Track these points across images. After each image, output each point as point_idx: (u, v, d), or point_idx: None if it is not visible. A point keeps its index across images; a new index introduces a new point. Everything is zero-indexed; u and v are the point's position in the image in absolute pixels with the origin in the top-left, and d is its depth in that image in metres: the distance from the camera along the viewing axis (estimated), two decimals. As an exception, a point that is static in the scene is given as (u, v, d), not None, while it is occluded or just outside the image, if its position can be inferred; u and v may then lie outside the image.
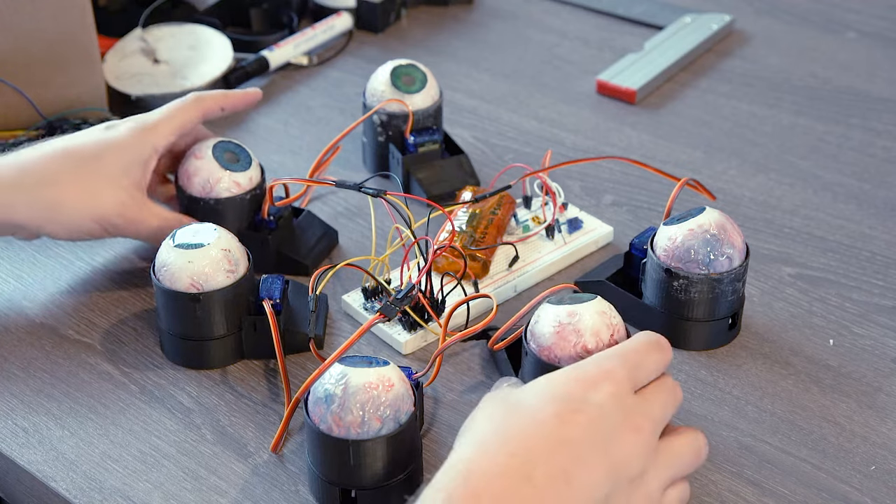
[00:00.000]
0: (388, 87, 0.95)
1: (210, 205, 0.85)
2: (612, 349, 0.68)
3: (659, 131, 1.06)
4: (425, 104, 0.95)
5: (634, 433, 0.64)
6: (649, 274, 0.80)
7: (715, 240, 0.78)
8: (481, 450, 0.62)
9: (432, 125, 0.96)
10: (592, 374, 0.65)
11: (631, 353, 0.67)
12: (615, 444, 0.63)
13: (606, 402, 0.63)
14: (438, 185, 0.94)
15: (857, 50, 1.18)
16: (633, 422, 0.64)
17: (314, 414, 0.68)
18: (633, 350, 0.67)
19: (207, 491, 0.72)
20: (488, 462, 0.61)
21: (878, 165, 1.00)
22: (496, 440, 0.62)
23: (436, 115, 0.96)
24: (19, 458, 0.74)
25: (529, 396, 0.64)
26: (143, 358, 0.81)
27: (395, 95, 0.94)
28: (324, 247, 0.90)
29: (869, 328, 0.83)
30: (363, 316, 0.83)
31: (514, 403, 0.64)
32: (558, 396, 0.64)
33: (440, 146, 0.95)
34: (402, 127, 0.95)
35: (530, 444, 0.62)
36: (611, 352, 0.67)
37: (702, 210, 0.79)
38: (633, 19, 1.23)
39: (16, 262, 0.90)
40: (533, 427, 0.62)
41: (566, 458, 0.61)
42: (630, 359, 0.66)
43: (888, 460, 0.73)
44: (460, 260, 0.82)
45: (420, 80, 0.95)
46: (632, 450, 0.63)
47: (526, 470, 0.60)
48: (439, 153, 0.96)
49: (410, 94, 0.95)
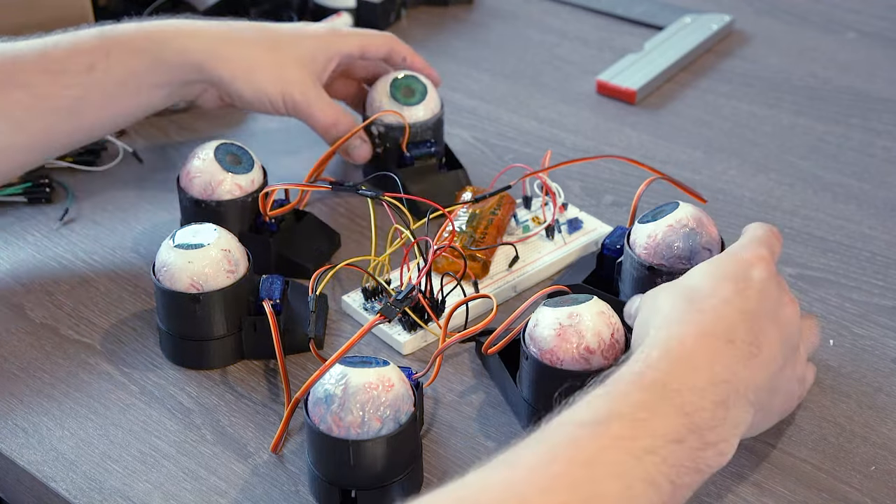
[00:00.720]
0: (387, 99, 0.94)
1: (212, 207, 0.85)
2: (748, 238, 0.73)
3: (659, 131, 1.06)
4: (425, 117, 0.94)
5: (791, 305, 0.70)
6: (628, 273, 0.80)
7: (694, 233, 0.78)
8: (679, 326, 0.66)
9: (431, 138, 0.95)
10: (747, 257, 0.70)
11: (765, 240, 0.73)
12: (781, 315, 0.69)
13: (765, 279, 0.69)
14: (432, 200, 0.93)
15: (857, 50, 1.18)
16: (788, 296, 0.70)
17: (314, 414, 0.68)
18: (766, 237, 0.73)
19: (207, 491, 0.72)
20: (690, 331, 0.65)
21: (878, 165, 1.00)
22: (689, 317, 0.66)
23: (435, 128, 0.95)
24: (19, 458, 0.74)
25: (700, 280, 0.69)
26: (143, 358, 0.81)
27: (394, 107, 0.93)
28: (325, 250, 0.90)
29: (869, 328, 0.83)
30: (363, 316, 0.83)
31: (689, 288, 0.69)
32: (728, 276, 0.69)
33: (438, 160, 0.95)
34: (399, 139, 0.94)
35: (721, 315, 0.66)
36: (749, 239, 0.73)
37: (675, 205, 0.79)
38: (633, 19, 1.23)
39: (16, 262, 0.90)
40: (719, 303, 0.67)
41: (752, 328, 0.66)
42: (767, 244, 0.72)
43: (888, 460, 0.73)
44: (460, 260, 0.82)
45: (420, 93, 0.94)
46: (793, 320, 0.70)
47: (727, 335, 0.66)
48: (437, 167, 0.95)
49: (409, 105, 0.94)
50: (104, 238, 0.92)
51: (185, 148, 1.02)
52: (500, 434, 0.75)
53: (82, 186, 0.97)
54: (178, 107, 1.06)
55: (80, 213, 0.95)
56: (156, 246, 0.80)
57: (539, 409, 0.73)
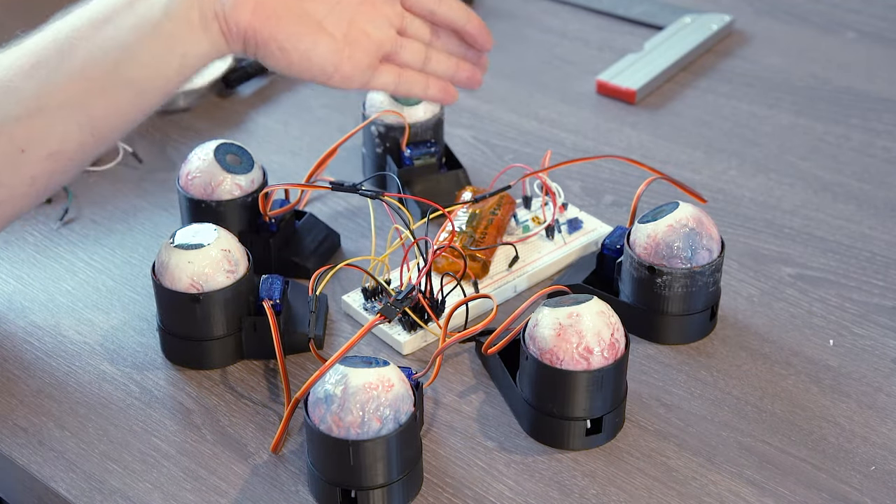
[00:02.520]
0: (387, 98, 0.94)
1: (212, 207, 0.85)
2: None
3: (659, 131, 1.06)
4: (425, 117, 0.94)
5: None
6: (627, 273, 0.81)
7: (694, 233, 0.78)
8: None
9: (431, 138, 0.95)
10: None
11: None
12: None
13: None
14: (432, 200, 0.93)
15: (857, 50, 1.18)
16: None
17: (314, 414, 0.68)
18: None
19: (207, 491, 0.72)
20: None
21: (878, 165, 1.00)
22: None
23: (435, 128, 0.95)
24: (19, 458, 0.74)
25: None
26: (143, 358, 0.81)
27: (394, 107, 0.93)
28: (325, 250, 0.90)
29: (869, 328, 0.83)
30: (363, 316, 0.83)
31: None
32: None
33: (437, 160, 0.95)
34: (399, 139, 0.94)
35: None
36: None
37: (675, 205, 0.80)
38: (633, 19, 1.23)
39: (16, 262, 0.90)
40: None
41: None
42: None
43: (888, 460, 0.73)
44: (460, 260, 0.82)
45: None
46: None
47: None
48: (436, 167, 0.95)
49: (410, 105, 0.94)
50: (104, 238, 0.92)
51: (185, 148, 1.02)
52: (500, 434, 0.75)
53: (82, 186, 0.97)
54: (177, 107, 1.06)
55: (80, 213, 0.95)
56: (156, 246, 0.80)
57: (539, 409, 0.73)
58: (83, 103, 0.75)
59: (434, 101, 0.87)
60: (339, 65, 0.81)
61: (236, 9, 0.77)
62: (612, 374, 0.72)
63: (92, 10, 0.77)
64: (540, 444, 0.74)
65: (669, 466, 0.73)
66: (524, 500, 0.71)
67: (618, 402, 0.74)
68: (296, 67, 0.80)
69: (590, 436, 0.74)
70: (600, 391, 0.72)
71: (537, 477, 0.72)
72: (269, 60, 0.80)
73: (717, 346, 0.82)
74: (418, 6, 0.85)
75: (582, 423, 0.73)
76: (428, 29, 0.86)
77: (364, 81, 0.83)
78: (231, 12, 0.77)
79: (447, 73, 0.87)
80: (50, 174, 0.77)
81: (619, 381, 0.73)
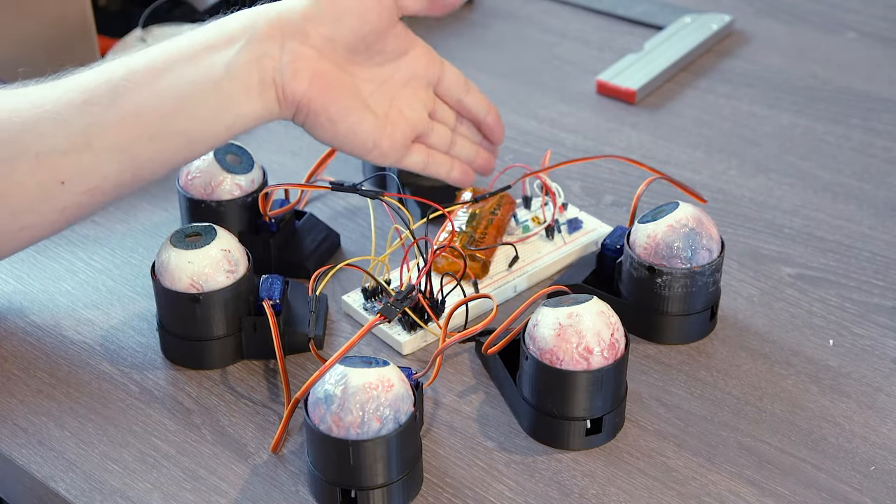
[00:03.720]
0: None
1: (212, 207, 0.85)
2: None
3: (659, 131, 1.06)
4: None
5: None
6: (627, 273, 0.81)
7: (694, 233, 0.78)
8: None
9: None
10: None
11: None
12: None
13: None
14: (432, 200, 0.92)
15: (857, 50, 1.18)
16: None
17: (314, 414, 0.68)
18: None
19: (207, 491, 0.72)
20: None
21: (878, 165, 1.00)
22: None
23: None
24: (19, 458, 0.74)
25: None
26: (143, 358, 0.81)
27: None
28: (325, 250, 0.90)
29: (869, 328, 0.83)
30: (363, 316, 0.83)
31: None
32: None
33: None
34: None
35: None
36: None
37: (675, 205, 0.80)
38: (633, 19, 1.23)
39: (16, 263, 0.90)
40: None
41: None
42: None
43: (888, 460, 0.73)
44: (460, 260, 0.82)
45: None
46: None
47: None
48: None
49: None
50: (104, 238, 0.92)
51: (185, 148, 1.02)
52: (500, 434, 0.75)
53: (82, 186, 0.97)
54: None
55: (80, 213, 0.95)
56: (156, 246, 0.80)
57: (539, 409, 0.73)
58: (131, 146, 0.76)
59: (455, 183, 0.89)
60: (378, 141, 0.82)
61: (295, 78, 0.78)
62: (612, 374, 0.72)
63: (150, 57, 0.77)
64: (540, 444, 0.74)
65: (669, 466, 0.73)
66: (524, 500, 0.71)
67: (618, 402, 0.74)
68: (340, 139, 0.81)
69: (590, 436, 0.74)
70: (600, 391, 0.72)
71: (537, 477, 0.72)
72: (317, 130, 0.81)
73: (717, 346, 0.82)
74: (449, 94, 0.87)
75: (582, 423, 0.73)
76: (454, 115, 0.88)
77: (397, 158, 0.84)
78: (290, 81, 0.78)
79: (468, 157, 0.89)
80: (83, 207, 0.78)
81: (619, 381, 0.73)
